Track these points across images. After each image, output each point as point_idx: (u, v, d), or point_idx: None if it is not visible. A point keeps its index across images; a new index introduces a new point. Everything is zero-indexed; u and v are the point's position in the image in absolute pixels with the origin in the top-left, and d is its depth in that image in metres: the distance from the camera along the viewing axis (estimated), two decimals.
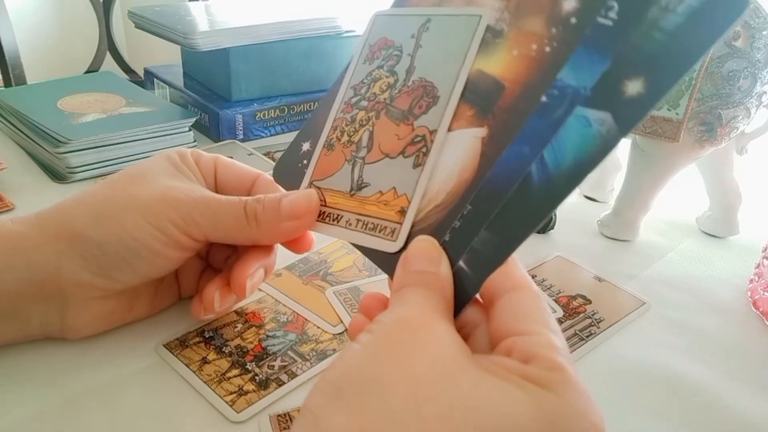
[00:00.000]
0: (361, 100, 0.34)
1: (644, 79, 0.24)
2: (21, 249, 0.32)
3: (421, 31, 0.33)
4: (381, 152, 0.32)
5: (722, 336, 0.40)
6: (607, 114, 0.25)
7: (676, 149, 0.46)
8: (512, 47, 0.29)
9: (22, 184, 0.54)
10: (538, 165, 0.26)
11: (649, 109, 0.25)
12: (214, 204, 0.33)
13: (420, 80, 0.32)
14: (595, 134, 0.25)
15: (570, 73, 0.27)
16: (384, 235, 0.30)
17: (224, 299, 0.36)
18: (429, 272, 0.26)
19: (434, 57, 0.32)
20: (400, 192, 0.31)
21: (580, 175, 0.25)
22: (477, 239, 0.27)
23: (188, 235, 0.33)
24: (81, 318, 0.34)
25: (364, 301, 0.29)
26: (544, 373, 0.22)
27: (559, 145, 0.26)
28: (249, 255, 0.36)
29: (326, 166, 0.34)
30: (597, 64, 0.26)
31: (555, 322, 0.24)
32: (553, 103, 0.27)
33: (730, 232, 0.53)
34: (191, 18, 0.67)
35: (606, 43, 0.26)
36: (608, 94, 0.25)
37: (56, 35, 1.74)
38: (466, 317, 0.27)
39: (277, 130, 0.69)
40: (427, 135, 0.31)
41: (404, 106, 0.32)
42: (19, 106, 0.59)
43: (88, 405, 0.32)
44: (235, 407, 0.32)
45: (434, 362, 0.22)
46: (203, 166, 0.37)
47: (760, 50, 0.43)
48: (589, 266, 0.47)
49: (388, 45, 0.35)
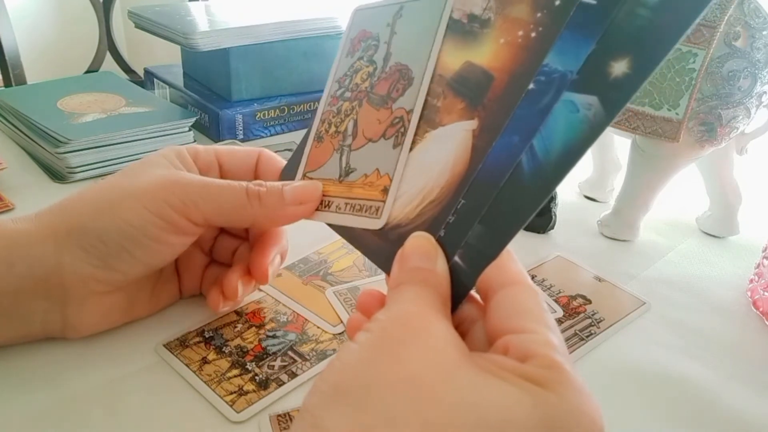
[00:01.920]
0: (345, 91, 0.36)
1: (630, 58, 0.24)
2: (21, 246, 0.32)
3: (395, 19, 0.35)
4: (365, 138, 0.34)
5: (722, 336, 0.40)
6: (594, 98, 0.25)
7: (676, 149, 0.46)
8: (499, 36, 0.29)
9: (22, 184, 0.54)
10: (528, 154, 0.26)
11: (636, 90, 0.24)
12: (213, 186, 0.34)
13: (396, 65, 0.34)
14: (583, 119, 0.25)
15: (556, 58, 0.26)
16: (369, 214, 0.31)
17: (246, 287, 0.37)
18: (425, 269, 0.26)
19: (407, 41, 0.34)
20: (382, 172, 0.32)
21: (570, 162, 0.25)
22: (471, 233, 0.27)
23: (187, 218, 0.33)
24: (82, 315, 0.34)
25: (362, 299, 0.29)
26: (541, 371, 0.22)
27: (548, 132, 0.25)
28: (265, 242, 0.37)
29: (317, 157, 0.36)
30: (582, 46, 0.25)
31: (551, 319, 0.24)
32: (541, 89, 0.26)
33: (730, 232, 0.53)
34: (191, 18, 0.67)
35: (591, 23, 0.25)
36: (594, 76, 0.25)
37: (56, 35, 1.75)
38: (463, 313, 0.27)
39: (277, 130, 0.69)
40: (404, 116, 0.32)
41: (383, 92, 0.34)
42: (19, 106, 0.59)
43: (88, 405, 0.32)
44: (235, 407, 0.32)
45: (433, 362, 0.22)
46: (202, 160, 0.37)
47: (760, 50, 0.43)
48: (589, 266, 0.47)
49: (366, 36, 0.36)
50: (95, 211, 0.33)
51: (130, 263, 0.33)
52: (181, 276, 0.39)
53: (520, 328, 0.23)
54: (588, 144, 0.25)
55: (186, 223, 0.33)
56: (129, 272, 0.34)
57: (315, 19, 0.68)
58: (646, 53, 0.24)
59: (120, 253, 0.33)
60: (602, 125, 0.24)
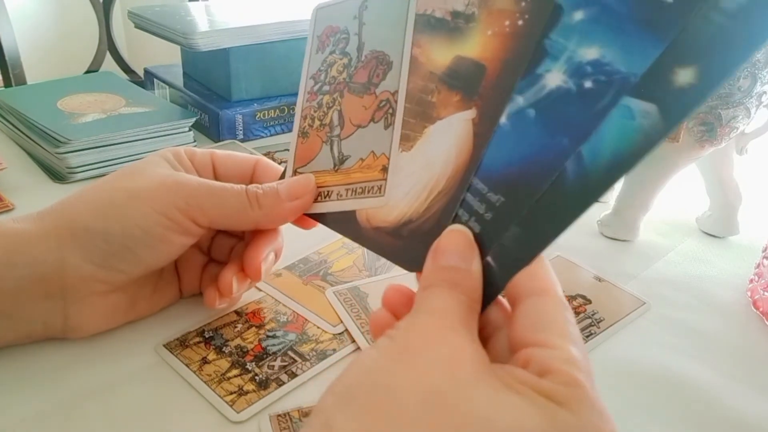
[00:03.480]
0: (323, 86, 0.37)
1: (696, 67, 0.22)
2: (22, 246, 0.32)
3: (361, 11, 0.36)
4: (353, 125, 0.34)
5: (722, 336, 0.40)
6: (653, 105, 0.23)
7: (676, 149, 0.46)
8: (486, 28, 0.30)
9: (22, 184, 0.54)
10: (574, 158, 0.24)
11: (700, 103, 0.22)
12: (216, 189, 0.34)
13: (371, 53, 0.35)
14: (637, 127, 0.23)
15: (620, 57, 0.24)
16: (372, 193, 0.32)
17: (241, 284, 0.37)
18: (460, 269, 0.25)
19: (379, 29, 0.35)
20: (378, 153, 0.33)
21: (618, 172, 0.23)
22: (506, 234, 0.25)
23: (192, 220, 0.33)
24: (83, 315, 0.34)
25: (388, 294, 0.28)
26: (559, 388, 0.21)
27: (598, 137, 0.24)
28: (259, 240, 0.37)
29: (305, 152, 0.37)
30: (651, 48, 0.23)
31: (577, 333, 0.24)
32: (599, 90, 0.24)
33: (730, 232, 0.53)
34: (191, 18, 0.67)
35: (664, 23, 0.23)
36: (655, 83, 0.23)
37: (56, 35, 1.75)
38: (488, 316, 0.26)
39: (277, 130, 0.69)
40: (390, 97, 0.33)
41: (363, 80, 0.35)
42: (19, 106, 0.59)
43: (88, 405, 0.32)
44: (235, 407, 0.32)
45: (450, 374, 0.21)
46: (198, 162, 0.38)
47: (760, 50, 0.43)
48: (589, 266, 0.47)
49: (334, 31, 0.37)
50: (99, 211, 0.33)
51: (132, 263, 0.33)
52: (180, 275, 0.39)
53: (543, 342, 0.23)
54: (640, 156, 0.23)
55: (191, 225, 0.34)
56: (130, 272, 0.34)
57: None
58: (715, 64, 0.22)
59: (123, 253, 0.33)
60: (659, 137, 0.22)
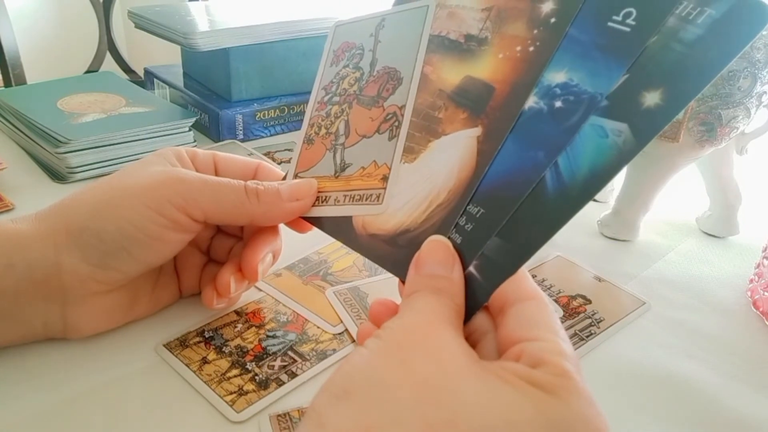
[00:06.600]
0: (333, 96, 0.38)
1: (662, 90, 0.24)
2: (20, 247, 0.32)
3: (378, 29, 0.37)
4: (358, 135, 0.35)
5: (722, 336, 0.40)
6: (624, 125, 0.25)
7: (676, 149, 0.46)
8: (498, 51, 0.31)
9: (22, 184, 0.54)
10: (553, 173, 0.26)
11: (667, 121, 0.24)
12: (212, 182, 0.34)
13: (383, 68, 0.36)
14: (612, 145, 0.25)
15: (587, 79, 0.27)
16: (370, 201, 0.33)
17: (238, 284, 0.37)
18: (441, 276, 0.26)
19: (393, 47, 0.36)
20: (380, 163, 0.33)
21: (596, 186, 0.25)
22: (489, 246, 0.27)
23: (188, 215, 0.33)
24: (82, 316, 0.34)
25: (374, 308, 0.29)
26: (550, 378, 0.22)
27: (575, 154, 0.26)
28: (257, 240, 0.37)
29: (308, 158, 0.37)
30: (614, 70, 0.26)
31: (563, 331, 0.24)
32: (569, 108, 0.27)
33: (730, 232, 0.53)
34: (191, 18, 0.67)
35: (623, 49, 0.26)
36: (626, 104, 0.25)
37: (56, 35, 1.75)
38: (474, 324, 0.27)
39: (277, 130, 0.69)
40: (397, 111, 0.34)
41: (373, 93, 0.36)
42: (19, 106, 0.59)
43: (88, 405, 0.32)
44: (235, 407, 0.32)
45: (440, 367, 0.22)
46: (200, 162, 0.38)
47: (760, 50, 0.43)
48: (589, 266, 0.47)
49: (350, 47, 0.38)
50: (94, 211, 0.33)
51: (128, 262, 0.33)
52: (180, 275, 0.39)
53: (534, 336, 0.24)
54: (615, 170, 0.25)
55: (186, 220, 0.33)
56: (127, 271, 0.34)
57: (315, 19, 0.68)
58: (679, 87, 0.24)
59: (118, 251, 0.33)
60: (631, 153, 0.25)
